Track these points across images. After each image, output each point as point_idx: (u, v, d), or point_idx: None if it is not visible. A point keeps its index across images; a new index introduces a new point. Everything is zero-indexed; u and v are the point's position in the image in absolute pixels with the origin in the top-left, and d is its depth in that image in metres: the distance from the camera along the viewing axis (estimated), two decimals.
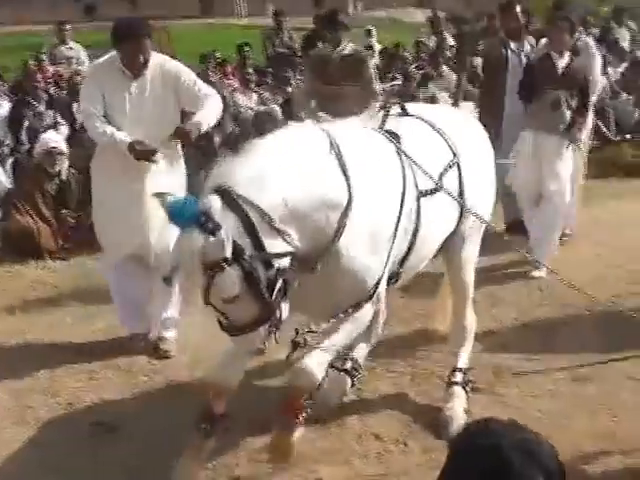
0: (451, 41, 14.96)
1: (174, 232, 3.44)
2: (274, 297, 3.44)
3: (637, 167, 10.57)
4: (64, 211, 7.84)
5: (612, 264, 7.24)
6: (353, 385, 4.88)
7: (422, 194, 4.16)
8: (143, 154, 5.05)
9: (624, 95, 12.64)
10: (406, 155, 4.14)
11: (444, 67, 11.48)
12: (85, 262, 7.43)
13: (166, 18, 21.08)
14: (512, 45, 7.79)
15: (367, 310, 4.02)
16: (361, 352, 4.90)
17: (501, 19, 8.15)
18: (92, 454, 4.39)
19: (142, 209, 5.10)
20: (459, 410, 4.65)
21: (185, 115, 5.49)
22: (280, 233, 3.43)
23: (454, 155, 4.45)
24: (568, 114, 6.97)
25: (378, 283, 3.94)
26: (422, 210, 4.15)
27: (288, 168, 3.54)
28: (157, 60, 5.31)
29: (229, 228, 3.23)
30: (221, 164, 3.56)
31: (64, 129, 8.86)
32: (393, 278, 4.19)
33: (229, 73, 11.36)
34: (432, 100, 10.13)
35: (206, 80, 10.30)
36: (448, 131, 4.52)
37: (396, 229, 3.97)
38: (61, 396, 5.01)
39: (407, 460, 4.27)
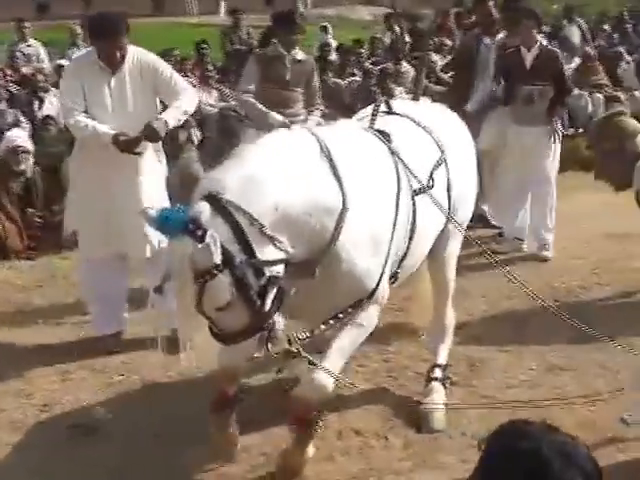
0: (407, 37, 15.03)
1: (151, 231, 3.39)
2: (267, 305, 3.39)
3: (592, 161, 10.70)
4: (30, 210, 7.72)
5: (575, 256, 7.37)
6: None
7: (416, 193, 4.15)
8: (127, 145, 5.01)
9: (576, 90, 12.81)
10: (398, 154, 4.12)
11: (404, 63, 11.51)
12: (52, 261, 7.36)
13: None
14: (486, 40, 7.80)
15: (372, 315, 4.01)
16: None
17: (475, 14, 8.23)
18: (72, 456, 4.33)
19: (120, 207, 5.10)
20: (438, 404, 4.67)
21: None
22: (271, 240, 3.38)
23: (442, 152, 4.45)
24: (544, 106, 7.18)
25: (378, 283, 3.90)
26: (417, 209, 4.14)
27: (278, 174, 3.48)
28: (134, 53, 5.27)
29: (218, 235, 3.18)
30: (211, 170, 3.54)
31: (26, 127, 8.71)
32: (392, 278, 4.16)
33: (188, 70, 11.26)
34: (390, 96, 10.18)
35: None
36: (434, 128, 4.52)
37: (394, 229, 3.94)
38: (36, 398, 4.93)
39: (389, 455, 4.28)
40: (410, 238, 4.12)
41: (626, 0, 21.79)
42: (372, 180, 3.92)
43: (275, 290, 3.42)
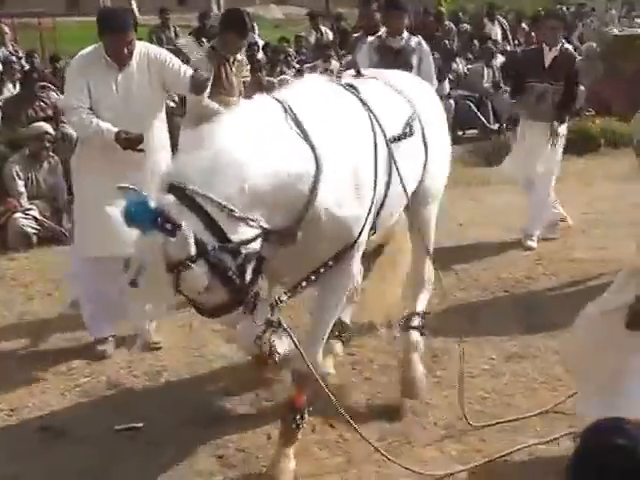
0: (330, 36, 15.16)
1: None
2: (246, 279, 3.39)
3: None
4: None
5: (518, 247, 7.54)
6: (344, 344, 5.14)
7: (392, 140, 4.15)
8: (130, 142, 4.92)
9: (502, 87, 13.12)
10: (368, 103, 4.12)
11: (333, 61, 11.58)
12: (8, 264, 7.26)
13: (33, 15, 20.37)
14: (368, 40, 7.39)
15: (353, 267, 4.05)
16: (346, 314, 5.12)
17: (359, 15, 8.15)
18: (45, 459, 4.24)
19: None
20: (419, 367, 4.79)
21: None
22: (243, 220, 3.33)
23: (414, 109, 4.46)
24: (557, 104, 7.46)
25: (362, 231, 3.92)
26: (394, 156, 4.12)
27: (242, 153, 3.37)
28: (140, 48, 5.20)
29: (189, 226, 3.13)
30: (174, 160, 3.49)
31: None
32: (372, 229, 4.17)
33: None
34: None
35: None
36: (403, 88, 4.56)
37: (375, 175, 3.95)
38: (1, 403, 4.82)
39: (366, 447, 4.26)
40: (388, 184, 4.11)
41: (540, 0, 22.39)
42: (346, 131, 3.90)
43: (254, 262, 3.43)
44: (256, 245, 3.42)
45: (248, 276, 3.39)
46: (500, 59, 13.84)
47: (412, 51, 6.72)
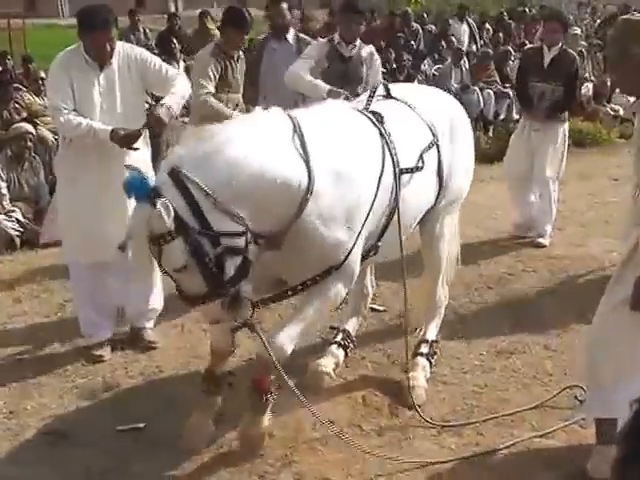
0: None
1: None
2: (227, 273, 3.63)
3: (491, 154, 11.12)
4: None
5: (498, 245, 7.67)
6: (346, 355, 5.21)
7: (403, 172, 4.33)
8: (126, 140, 4.86)
9: (471, 87, 13.28)
10: (389, 135, 4.31)
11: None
12: None
13: None
14: (274, 44, 7.42)
15: (340, 288, 4.18)
16: (351, 325, 5.32)
17: (267, 15, 7.94)
18: (50, 462, 4.24)
19: (107, 213, 4.99)
20: (421, 379, 4.88)
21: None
22: (227, 213, 3.56)
23: (433, 135, 4.63)
24: (555, 104, 7.57)
25: (348, 255, 4.07)
26: (402, 187, 4.31)
27: (236, 151, 3.63)
28: (120, 48, 5.15)
29: (175, 205, 3.44)
30: (181, 148, 3.69)
31: None
32: (372, 251, 4.39)
33: None
34: None
35: None
36: (427, 112, 4.70)
37: (372, 205, 4.12)
38: (0, 405, 4.81)
39: (367, 442, 4.36)
40: (392, 213, 4.30)
41: (502, 1, 22.62)
42: (348, 160, 4.06)
43: (238, 260, 3.66)
44: (238, 242, 3.64)
45: (229, 270, 3.64)
46: (465, 60, 14.00)
47: (363, 61, 6.59)
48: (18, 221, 7.71)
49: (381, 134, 4.30)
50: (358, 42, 6.59)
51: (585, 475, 3.95)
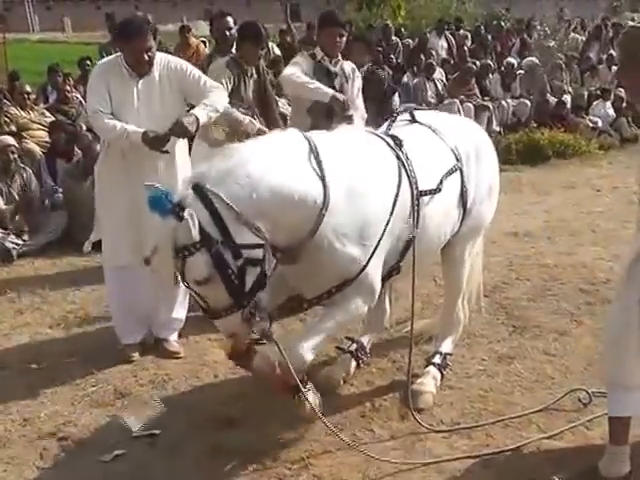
0: (277, 51, 15.28)
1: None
2: (247, 285, 3.75)
3: None
4: None
5: (489, 254, 7.73)
6: (358, 366, 5.30)
7: (423, 194, 4.45)
8: (157, 141, 4.93)
9: (448, 100, 13.45)
10: (405, 157, 4.44)
11: None
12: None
13: None
14: (218, 57, 7.17)
15: (359, 302, 4.30)
16: (367, 339, 5.42)
17: (211, 29, 8.07)
18: (69, 469, 4.29)
19: (147, 215, 4.97)
20: (430, 385, 4.98)
21: None
22: (248, 225, 3.71)
23: (457, 160, 4.75)
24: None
25: (362, 270, 4.19)
26: (422, 208, 4.45)
27: (257, 167, 3.79)
28: (161, 58, 5.22)
29: (199, 218, 3.57)
30: (203, 165, 3.85)
31: None
32: (395, 270, 4.53)
33: (72, 86, 11.21)
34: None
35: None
36: (451, 137, 4.82)
37: (387, 224, 4.24)
38: (12, 414, 4.83)
39: (381, 446, 4.45)
40: (413, 235, 4.42)
41: (477, 15, 22.90)
42: (363, 178, 4.20)
43: (257, 272, 3.77)
44: (258, 254, 3.76)
45: (249, 282, 3.76)
46: (441, 72, 14.22)
47: (347, 77, 6.62)
48: (15, 234, 7.71)
49: (398, 157, 4.44)
50: (340, 58, 6.64)
51: (595, 474, 4.04)
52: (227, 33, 7.41)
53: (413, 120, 4.93)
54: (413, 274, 4.54)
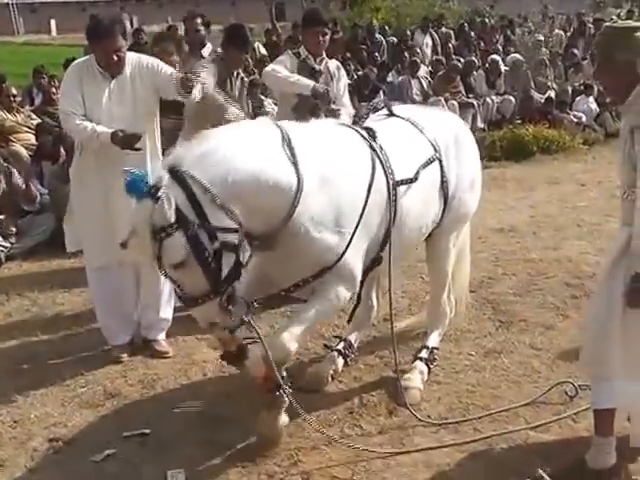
0: (263, 50, 15.32)
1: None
2: (222, 271, 3.79)
3: None
4: None
5: (475, 250, 7.76)
6: (346, 364, 5.34)
7: (399, 183, 4.49)
8: (128, 140, 4.95)
9: (433, 97, 13.50)
10: (379, 148, 4.49)
11: None
12: None
13: None
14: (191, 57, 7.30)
15: (340, 291, 4.34)
16: (354, 336, 5.45)
17: (185, 30, 8.04)
18: (60, 470, 4.31)
19: (122, 213, 4.96)
20: (417, 380, 5.03)
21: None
22: (223, 209, 3.75)
23: (435, 151, 4.79)
24: None
25: (340, 258, 4.24)
26: (400, 199, 4.50)
27: (232, 152, 3.85)
28: (132, 57, 5.26)
29: (175, 199, 3.62)
30: (178, 148, 3.91)
31: None
32: (376, 261, 4.57)
33: (57, 87, 11.17)
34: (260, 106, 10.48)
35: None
36: (430, 130, 4.87)
37: (363, 211, 4.30)
38: (2, 415, 4.85)
39: (369, 441, 4.50)
40: (391, 223, 4.47)
41: (461, 12, 22.98)
42: (337, 168, 4.26)
43: (233, 258, 3.83)
44: (233, 239, 3.81)
45: (225, 269, 3.80)
46: (425, 70, 14.27)
47: (332, 75, 6.67)
48: (2, 236, 7.71)
49: (371, 147, 4.49)
50: (324, 55, 6.68)
51: (583, 466, 4.09)
52: (197, 34, 7.52)
53: (391, 114, 4.98)
54: (389, 263, 4.60)
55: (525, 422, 4.67)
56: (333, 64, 6.77)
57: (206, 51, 7.45)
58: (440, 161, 4.81)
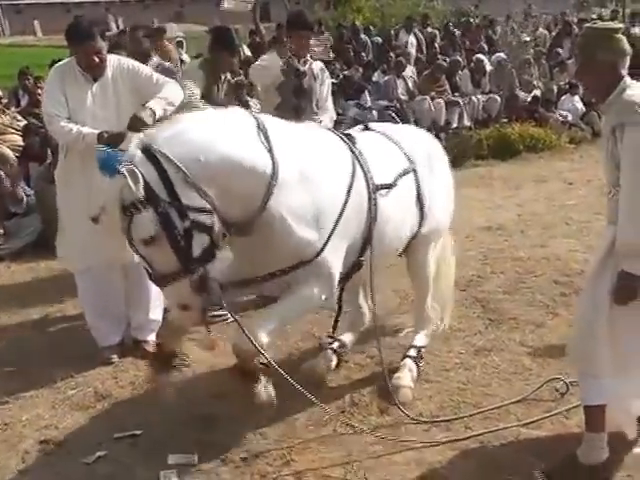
0: (247, 51, 15.31)
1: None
2: (193, 250, 3.78)
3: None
4: None
5: (463, 248, 7.80)
6: (339, 362, 5.35)
7: (378, 188, 4.55)
8: (114, 141, 4.87)
9: (419, 96, 13.52)
10: (359, 152, 4.54)
11: None
12: None
13: None
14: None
15: (315, 287, 4.34)
16: (347, 338, 5.49)
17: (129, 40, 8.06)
18: (51, 472, 4.30)
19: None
20: (407, 379, 5.04)
21: None
22: (195, 188, 3.74)
23: (410, 163, 4.86)
24: None
25: (319, 254, 4.24)
26: (379, 204, 4.54)
27: (208, 133, 3.87)
28: (113, 60, 5.25)
29: (146, 177, 3.63)
30: (152, 129, 3.96)
31: None
32: (356, 266, 4.61)
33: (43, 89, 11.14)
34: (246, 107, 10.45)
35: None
36: (405, 143, 4.96)
37: (342, 210, 4.32)
38: None
39: (361, 440, 4.50)
40: (370, 229, 4.51)
41: (445, 12, 23.04)
42: (317, 165, 4.28)
43: (206, 239, 3.81)
44: (206, 220, 3.80)
45: (196, 249, 3.78)
46: (412, 70, 14.30)
47: (316, 76, 6.66)
48: None
49: (351, 150, 4.54)
50: (308, 56, 6.69)
51: (575, 462, 4.10)
52: (140, 45, 7.59)
53: (367, 129, 5.10)
54: (371, 267, 4.62)
55: (516, 419, 4.68)
56: (317, 66, 6.75)
57: (152, 63, 7.44)
58: (415, 173, 4.87)
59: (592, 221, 8.39)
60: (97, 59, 5.11)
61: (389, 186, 4.62)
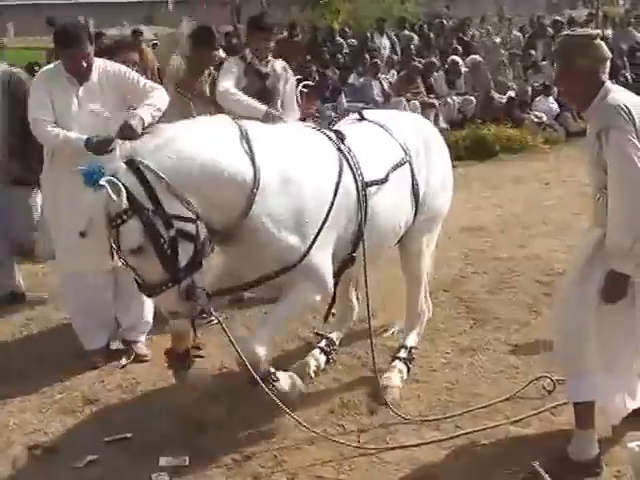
0: (222, 53, 15.27)
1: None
2: (179, 259, 3.86)
3: None
4: None
5: (445, 249, 7.80)
6: (328, 361, 5.40)
7: (369, 184, 4.55)
8: (102, 145, 4.88)
9: (394, 98, 13.59)
10: (347, 149, 4.55)
11: None
12: None
13: None
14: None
15: (306, 290, 4.39)
16: (336, 335, 5.53)
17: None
18: (42, 477, 4.27)
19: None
20: (396, 379, 5.06)
21: None
22: (178, 197, 3.83)
23: (405, 154, 4.85)
24: None
25: (303, 258, 4.26)
26: (371, 200, 4.56)
27: (191, 143, 3.94)
28: (99, 64, 5.22)
29: (130, 188, 3.72)
30: (135, 141, 4.03)
31: None
32: (349, 262, 4.63)
33: None
34: None
35: None
36: (400, 133, 4.94)
37: (328, 212, 4.34)
38: None
39: (351, 440, 4.51)
40: (361, 224, 4.52)
41: (418, 13, 23.12)
42: (300, 167, 4.30)
43: (191, 247, 3.89)
44: (191, 229, 3.88)
45: (183, 257, 3.87)
46: (393, 73, 14.37)
47: (279, 76, 6.62)
48: None
49: (339, 149, 4.54)
50: (270, 57, 6.65)
51: (565, 458, 4.14)
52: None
53: (362, 118, 5.05)
54: (364, 263, 4.63)
55: (505, 417, 4.71)
56: (279, 65, 6.71)
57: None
58: (410, 164, 4.87)
59: (570, 221, 8.47)
60: (85, 64, 5.08)
61: (381, 181, 4.64)
